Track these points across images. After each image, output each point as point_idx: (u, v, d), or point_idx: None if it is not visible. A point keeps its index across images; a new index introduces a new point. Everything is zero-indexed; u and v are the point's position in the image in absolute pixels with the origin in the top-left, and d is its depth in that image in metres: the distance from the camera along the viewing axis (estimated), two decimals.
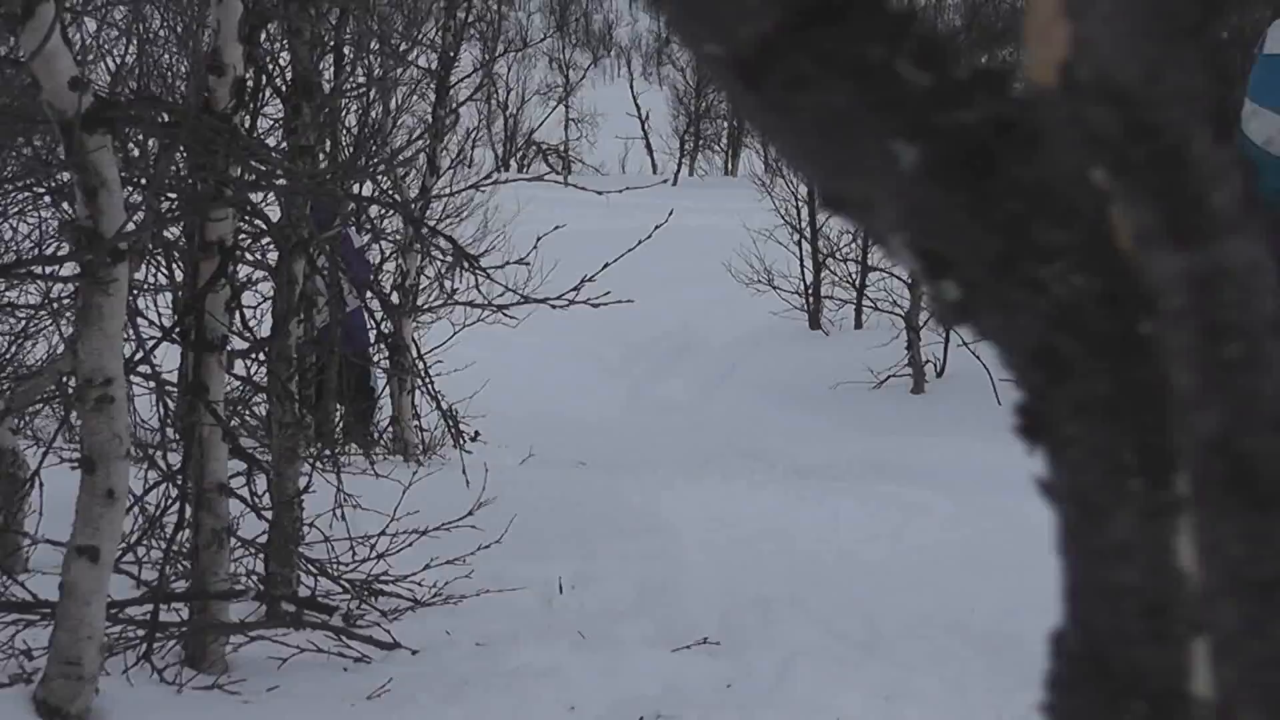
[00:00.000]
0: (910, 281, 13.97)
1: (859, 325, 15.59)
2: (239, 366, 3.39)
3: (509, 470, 7.20)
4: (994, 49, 15.19)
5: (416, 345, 8.90)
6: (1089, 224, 0.54)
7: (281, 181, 2.99)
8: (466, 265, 3.93)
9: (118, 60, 4.24)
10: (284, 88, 3.42)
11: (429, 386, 9.37)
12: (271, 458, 3.40)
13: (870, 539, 5.48)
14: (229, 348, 2.90)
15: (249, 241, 3.47)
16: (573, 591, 4.04)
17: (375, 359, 8.81)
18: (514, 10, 56.91)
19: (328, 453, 7.12)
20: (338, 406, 8.61)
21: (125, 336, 2.84)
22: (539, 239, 10.19)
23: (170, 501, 2.95)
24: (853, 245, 15.68)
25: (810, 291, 16.07)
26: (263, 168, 2.75)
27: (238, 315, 3.18)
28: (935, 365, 13.61)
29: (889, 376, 13.19)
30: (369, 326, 8.90)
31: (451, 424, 9.37)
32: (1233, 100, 2.82)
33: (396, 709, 2.59)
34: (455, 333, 10.50)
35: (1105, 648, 0.55)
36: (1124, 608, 0.55)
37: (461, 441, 9.15)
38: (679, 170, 41.25)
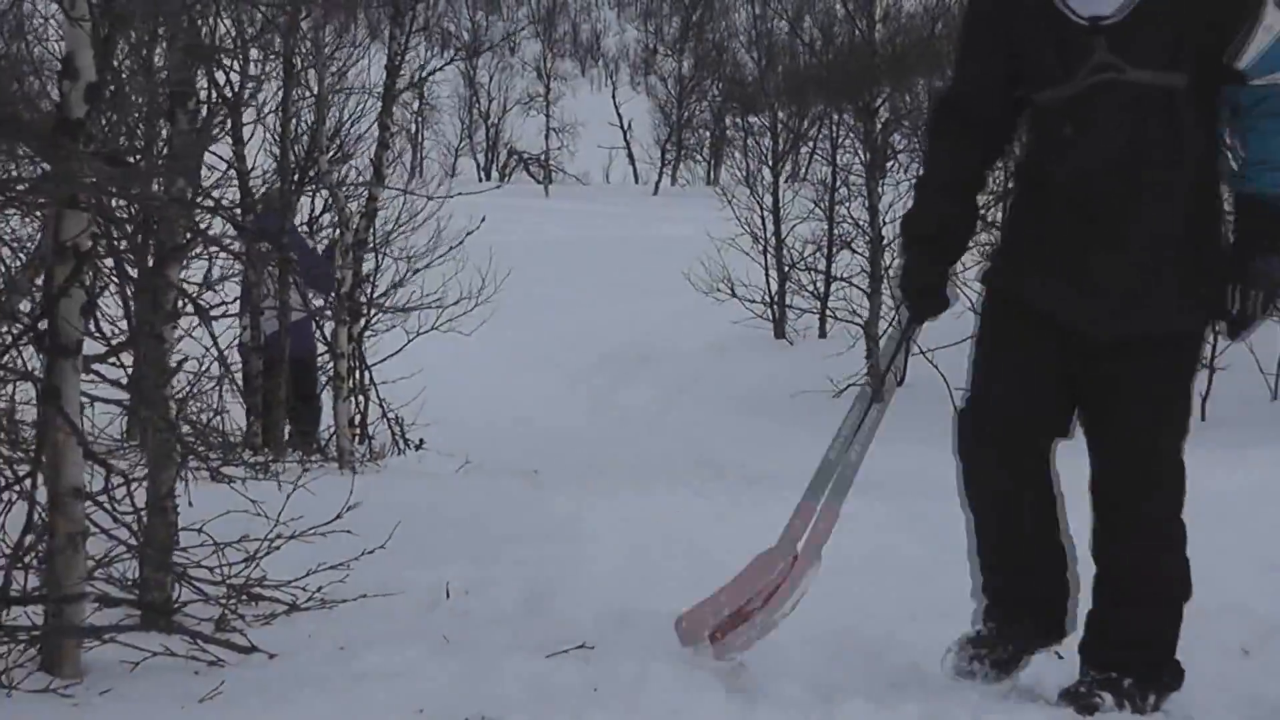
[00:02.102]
0: (870, 291, 14.04)
1: (823, 334, 15.64)
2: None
3: (442, 478, 7.21)
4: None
5: (360, 353, 8.91)
6: None
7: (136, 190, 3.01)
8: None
9: None
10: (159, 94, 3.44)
11: (375, 394, 9.42)
12: (146, 462, 3.40)
13: None
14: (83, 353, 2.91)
15: (125, 246, 3.48)
16: (465, 597, 4.04)
17: (320, 366, 8.81)
18: (501, 20, 57.12)
19: (260, 460, 7.13)
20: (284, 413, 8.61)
21: None
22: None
23: (8, 505, 2.96)
24: (816, 255, 15.74)
25: (775, 301, 16.11)
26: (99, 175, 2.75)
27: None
28: (896, 374, 13.61)
29: (849, 385, 13.21)
30: (314, 333, 8.91)
31: (397, 431, 9.41)
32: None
33: (224, 711, 2.60)
34: (409, 341, 10.53)
35: None
36: None
37: (400, 449, 9.20)
38: (659, 180, 41.39)
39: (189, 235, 3.24)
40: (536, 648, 3.47)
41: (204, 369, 7.11)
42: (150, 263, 3.30)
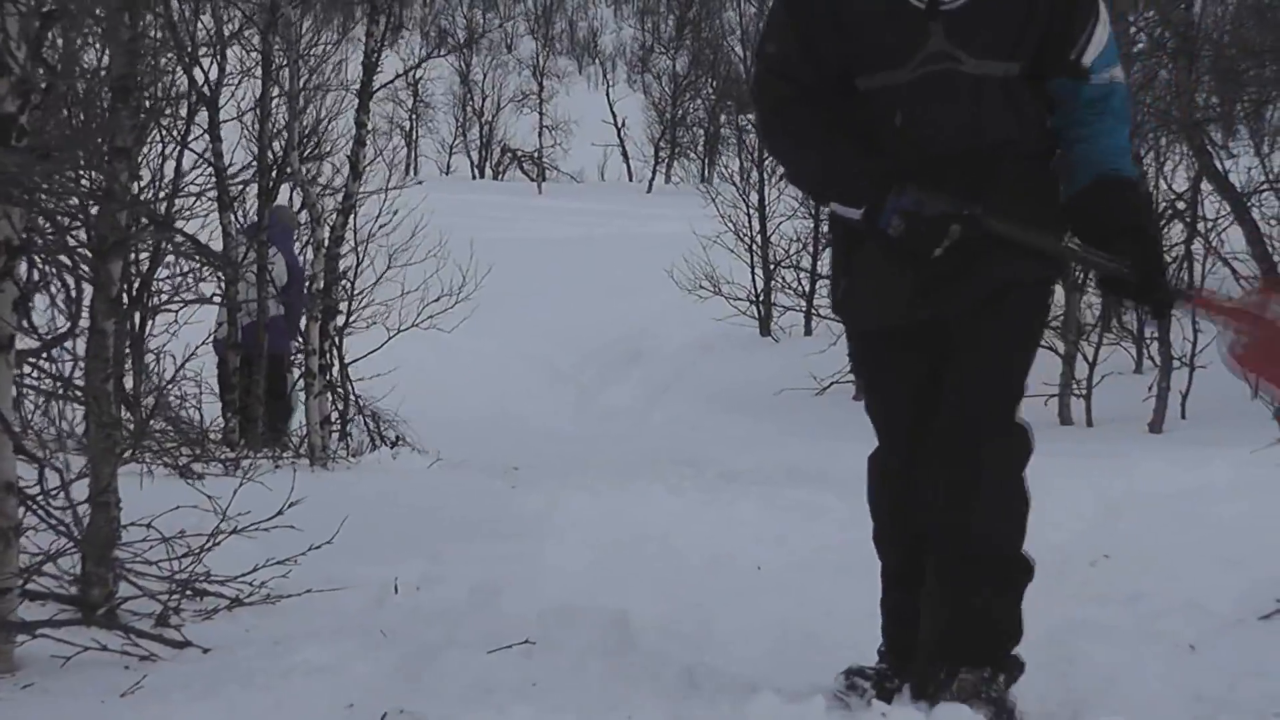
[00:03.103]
0: None
1: (809, 332, 15.65)
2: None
3: (411, 474, 7.21)
4: None
5: (338, 350, 8.91)
6: None
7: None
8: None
9: None
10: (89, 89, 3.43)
11: (350, 390, 9.42)
12: (88, 458, 3.40)
13: (755, 542, 5.48)
14: (16, 348, 2.91)
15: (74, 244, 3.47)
16: (415, 593, 4.03)
17: (293, 362, 8.81)
18: (499, 18, 57.06)
19: (230, 456, 7.13)
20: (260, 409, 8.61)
21: None
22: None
23: None
24: (801, 253, 15.75)
25: (760, 298, 16.12)
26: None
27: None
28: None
29: (832, 383, 13.21)
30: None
31: (372, 428, 9.41)
32: None
33: (143, 705, 2.59)
34: (390, 338, 10.54)
35: None
36: None
37: (375, 445, 9.19)
38: (653, 177, 41.36)
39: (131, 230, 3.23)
40: (480, 643, 3.48)
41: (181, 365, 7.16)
42: (90, 257, 3.29)
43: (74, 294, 3.17)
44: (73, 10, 2.88)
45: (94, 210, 3.20)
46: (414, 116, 42.25)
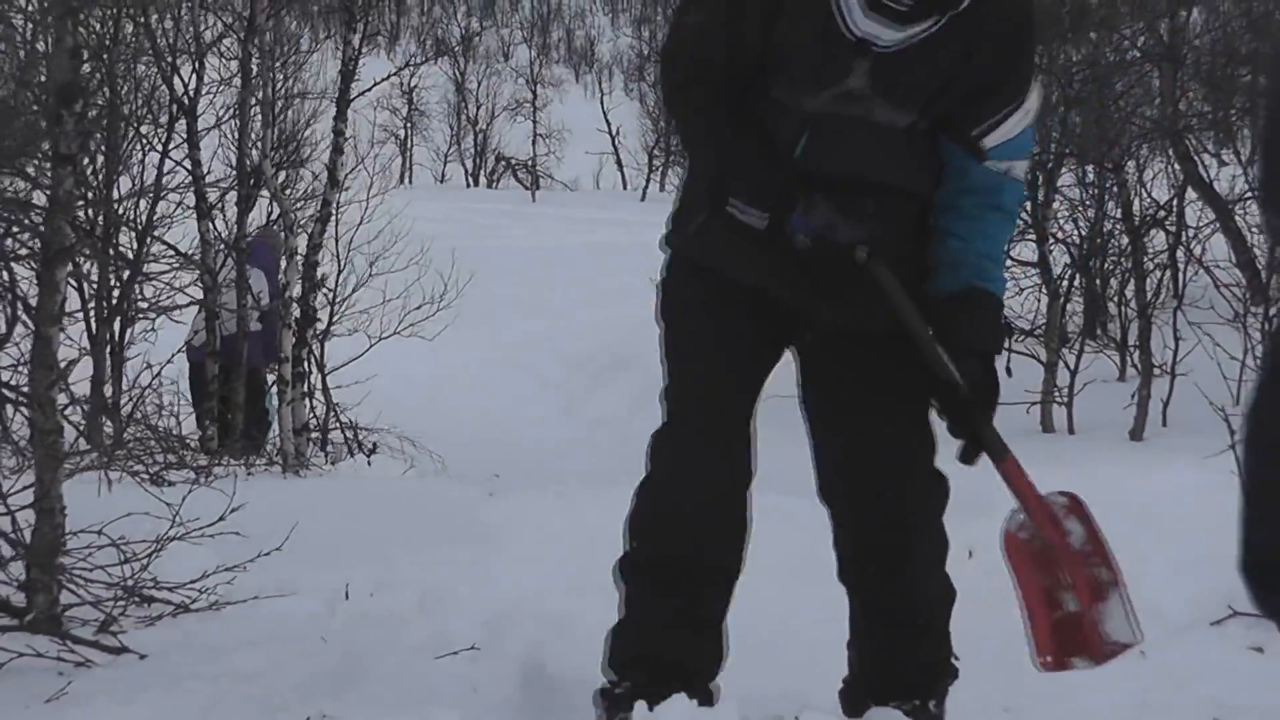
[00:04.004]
0: None
1: None
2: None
3: (382, 482, 7.21)
4: None
5: (316, 357, 8.92)
6: None
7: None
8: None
9: None
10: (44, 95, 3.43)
11: (327, 398, 9.42)
12: (34, 465, 3.40)
13: None
14: None
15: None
16: (368, 599, 4.03)
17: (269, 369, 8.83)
18: (495, 25, 57.07)
19: (204, 464, 7.13)
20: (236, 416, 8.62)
21: None
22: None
23: None
24: None
25: None
26: None
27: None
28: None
29: None
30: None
31: (349, 436, 9.41)
32: None
33: (64, 711, 2.59)
34: (371, 346, 10.53)
35: None
36: None
37: (352, 453, 9.19)
38: (647, 185, 41.38)
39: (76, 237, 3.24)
40: (428, 649, 3.48)
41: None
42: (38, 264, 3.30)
43: (18, 300, 3.18)
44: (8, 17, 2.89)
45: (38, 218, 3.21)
46: (409, 125, 42.31)
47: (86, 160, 9.22)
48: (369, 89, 8.61)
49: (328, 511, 4.74)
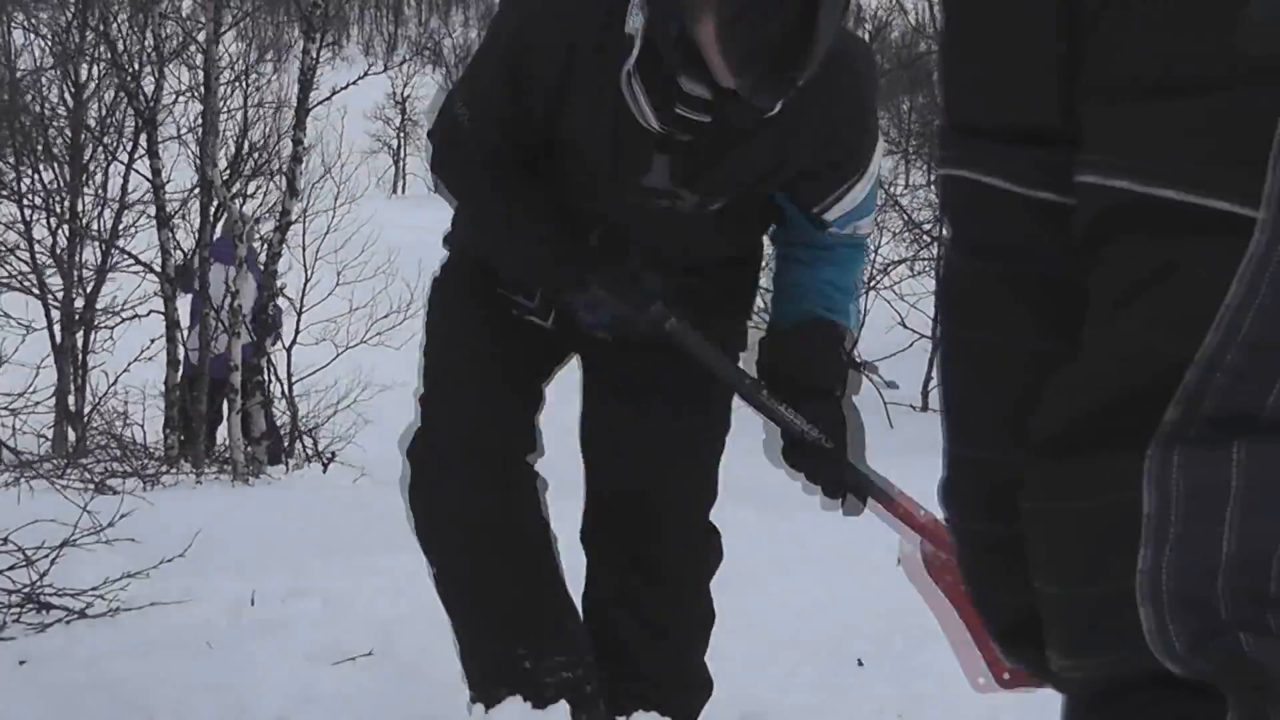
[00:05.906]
0: None
1: None
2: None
3: (332, 489, 7.20)
4: None
5: (273, 365, 8.93)
6: None
7: None
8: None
9: None
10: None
11: (289, 406, 9.43)
12: None
13: None
14: None
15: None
16: (280, 606, 4.02)
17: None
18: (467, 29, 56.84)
19: (151, 473, 7.14)
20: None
21: None
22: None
23: None
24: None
25: None
26: None
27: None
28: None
29: None
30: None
31: (308, 444, 9.41)
32: None
33: None
34: (338, 355, 10.52)
35: None
36: None
37: (309, 460, 9.19)
38: None
39: None
40: (326, 655, 3.46)
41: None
42: None
43: None
44: None
45: None
46: (401, 134, 42.32)
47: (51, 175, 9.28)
48: (328, 97, 8.62)
49: (247, 519, 4.72)
